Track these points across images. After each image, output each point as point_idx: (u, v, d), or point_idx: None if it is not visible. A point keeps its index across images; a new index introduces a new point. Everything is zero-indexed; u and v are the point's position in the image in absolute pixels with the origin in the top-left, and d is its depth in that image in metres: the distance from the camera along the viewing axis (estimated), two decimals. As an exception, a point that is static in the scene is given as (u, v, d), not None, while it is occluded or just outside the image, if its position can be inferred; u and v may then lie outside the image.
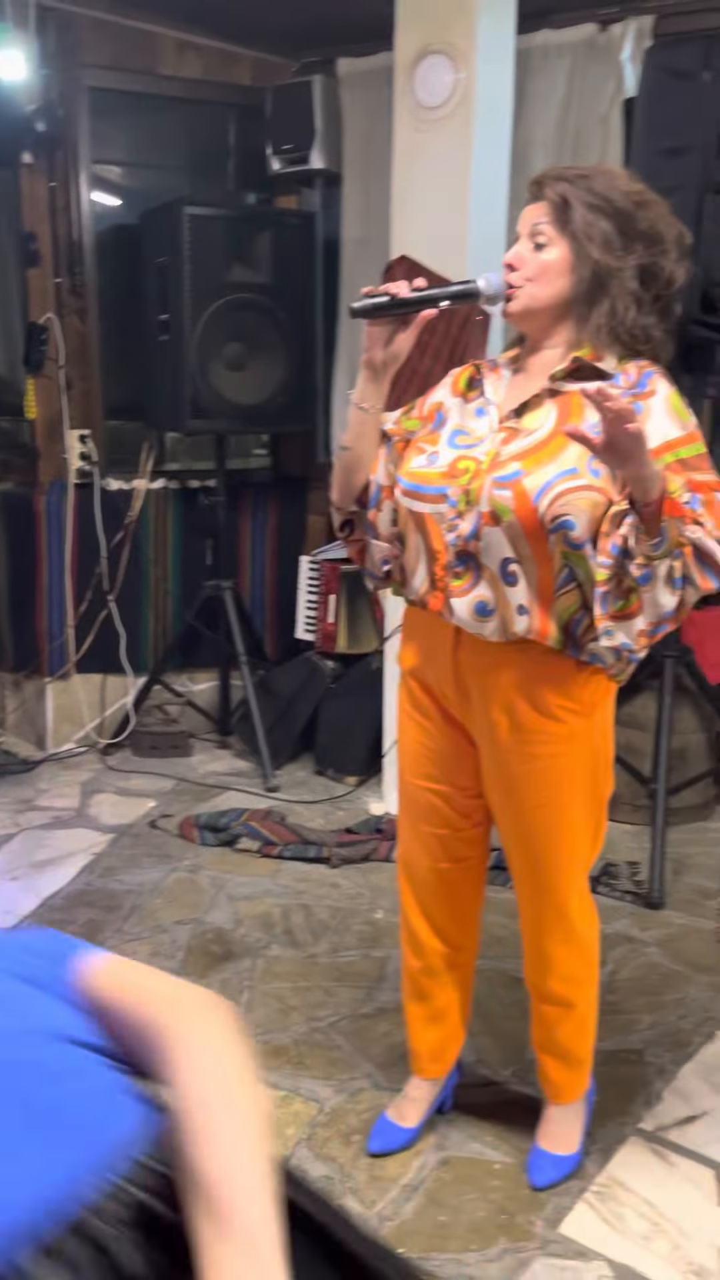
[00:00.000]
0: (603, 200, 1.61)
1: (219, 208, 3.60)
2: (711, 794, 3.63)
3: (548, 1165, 1.92)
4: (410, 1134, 1.99)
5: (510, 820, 1.80)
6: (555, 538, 1.57)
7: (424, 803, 1.87)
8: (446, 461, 1.67)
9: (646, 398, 1.62)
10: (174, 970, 2.57)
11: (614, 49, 3.42)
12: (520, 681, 1.67)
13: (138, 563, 4.12)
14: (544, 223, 1.63)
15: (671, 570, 1.49)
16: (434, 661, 1.76)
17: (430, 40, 3.09)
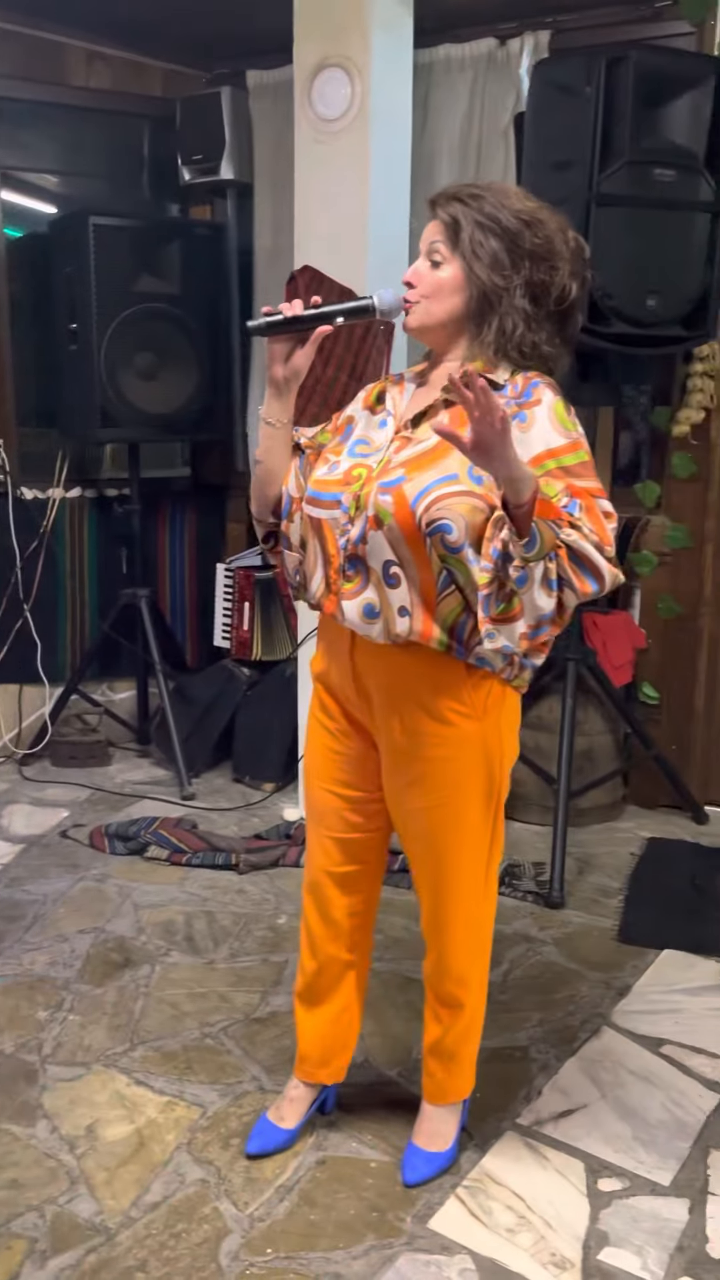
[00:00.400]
0: (491, 220, 1.66)
1: (125, 218, 3.61)
2: (620, 794, 3.69)
3: (420, 1162, 1.94)
4: (289, 1135, 2.01)
5: (406, 822, 1.83)
6: (432, 541, 1.61)
7: (326, 807, 1.90)
8: (343, 470, 1.73)
9: (531, 406, 1.65)
10: (71, 980, 2.57)
11: (513, 64, 3.49)
12: (411, 684, 1.71)
13: (53, 572, 4.11)
14: (438, 241, 1.69)
15: (547, 572, 1.53)
16: (336, 665, 1.81)
17: (327, 54, 3.13)
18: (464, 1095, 2.01)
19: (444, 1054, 1.95)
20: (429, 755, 1.74)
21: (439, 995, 1.93)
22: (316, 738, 1.91)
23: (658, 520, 3.59)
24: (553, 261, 1.68)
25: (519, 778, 3.57)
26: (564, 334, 1.75)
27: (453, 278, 1.69)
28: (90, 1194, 1.89)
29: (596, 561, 1.56)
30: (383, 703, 1.75)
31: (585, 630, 3.44)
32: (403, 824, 1.85)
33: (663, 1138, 2.06)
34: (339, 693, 1.83)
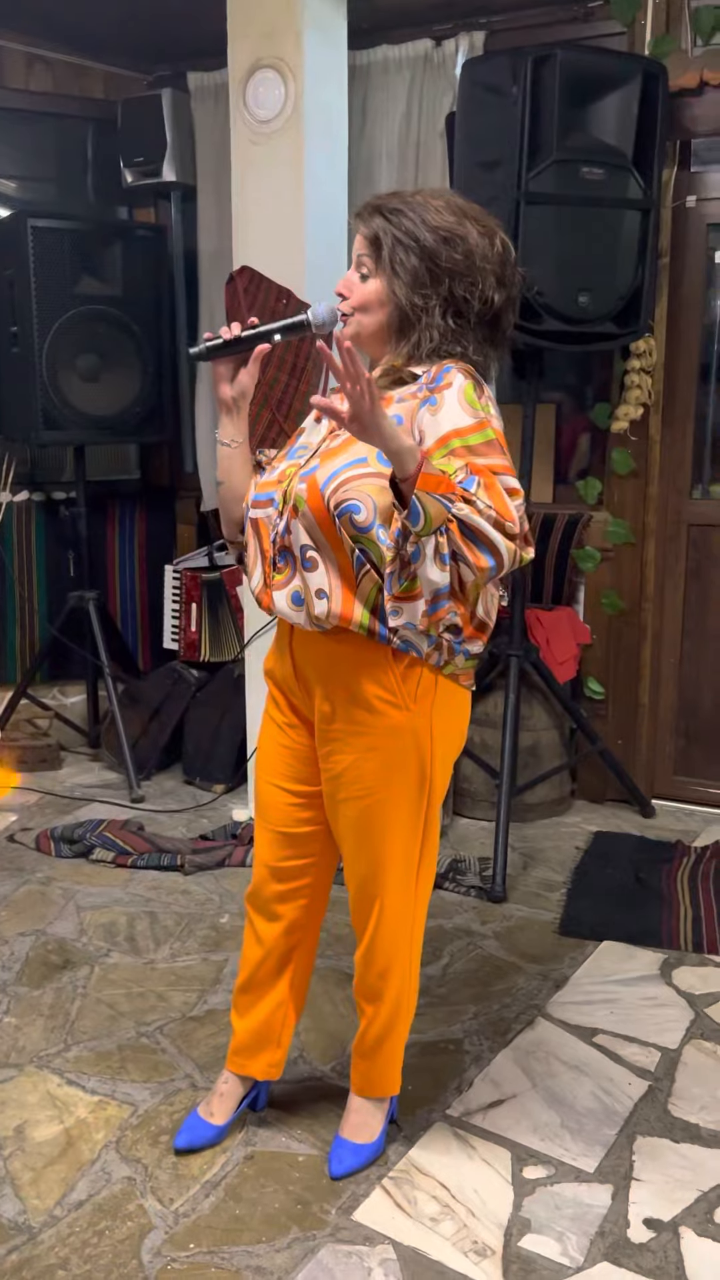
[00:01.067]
0: (410, 238, 1.67)
1: (65, 219, 3.60)
2: (568, 789, 3.71)
3: (346, 1154, 1.95)
4: (218, 1131, 2.01)
5: (336, 813, 1.84)
6: (341, 522, 1.64)
7: (272, 801, 1.92)
8: (279, 471, 1.79)
9: (441, 390, 1.67)
10: (9, 982, 2.56)
11: (449, 64, 3.51)
12: (341, 671, 1.73)
13: (1, 576, 4.09)
14: (365, 255, 1.72)
15: (439, 546, 1.53)
16: (281, 659, 1.86)
17: (260, 55, 3.14)
18: (390, 1091, 2.01)
19: (368, 1047, 1.96)
20: (357, 745, 1.75)
21: (365, 986, 1.93)
22: (266, 733, 1.94)
23: (599, 516, 3.62)
24: (472, 277, 1.69)
25: (466, 774, 3.59)
26: (494, 338, 1.77)
27: (377, 291, 1.71)
28: (15, 1194, 1.88)
29: (491, 536, 1.54)
30: (318, 692, 1.78)
31: (529, 626, 3.46)
32: (333, 815, 1.85)
33: (590, 1125, 2.07)
34: (284, 685, 1.87)
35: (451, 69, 3.50)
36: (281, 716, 1.89)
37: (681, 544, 3.61)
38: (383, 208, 1.71)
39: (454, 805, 3.60)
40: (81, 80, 4.04)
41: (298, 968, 2.02)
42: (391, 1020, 1.94)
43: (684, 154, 3.35)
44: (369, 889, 1.85)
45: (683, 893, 3.02)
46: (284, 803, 1.91)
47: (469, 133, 2.90)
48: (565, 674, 3.55)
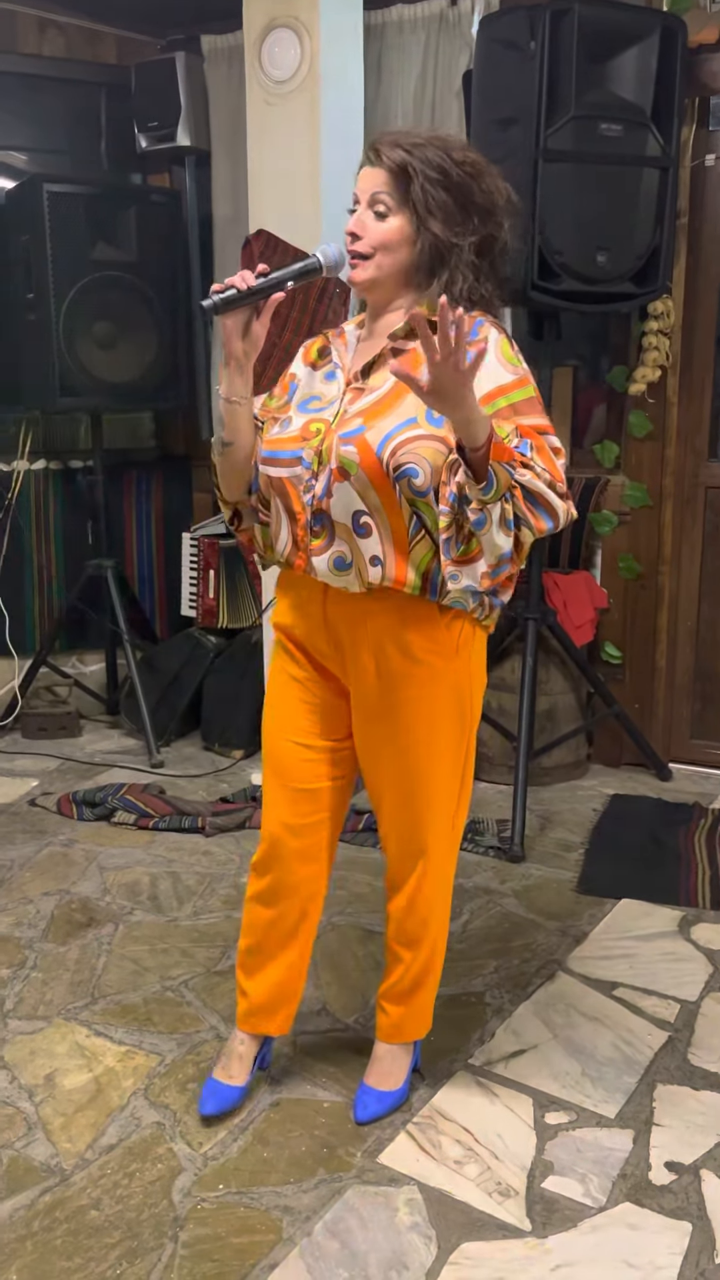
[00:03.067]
0: (440, 173, 1.64)
1: (80, 185, 3.59)
2: (584, 753, 3.72)
3: (371, 1100, 1.98)
4: (241, 1091, 2.00)
5: (379, 767, 1.85)
6: (400, 486, 1.63)
7: (292, 759, 1.90)
8: (298, 426, 1.72)
9: (477, 345, 1.63)
10: (35, 939, 2.60)
11: (464, 23, 3.48)
12: (386, 628, 1.73)
13: (19, 545, 4.11)
14: (383, 192, 1.65)
15: (504, 513, 1.56)
16: (305, 617, 1.82)
17: (276, 15, 3.12)
18: (419, 1035, 2.04)
19: (403, 992, 1.98)
20: (405, 696, 1.76)
21: (403, 933, 1.95)
22: (283, 690, 1.90)
23: (616, 480, 3.62)
24: (498, 216, 1.69)
25: (483, 738, 3.60)
26: (501, 284, 1.78)
27: (401, 229, 1.66)
28: (47, 1138, 1.92)
29: (550, 499, 1.58)
30: (357, 649, 1.76)
31: (546, 590, 3.47)
32: (375, 769, 1.86)
33: (611, 1074, 2.10)
34: (308, 644, 1.84)
35: (467, 27, 3.47)
36: (301, 671, 1.87)
37: (699, 507, 3.61)
38: (402, 141, 1.66)
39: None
40: (94, 45, 4.02)
41: (311, 923, 2.02)
42: (429, 963, 1.97)
43: (703, 111, 3.32)
44: (415, 840, 1.87)
45: (700, 852, 3.04)
46: (303, 759, 1.90)
47: (486, 90, 2.88)
48: (582, 638, 3.55)
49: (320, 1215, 1.74)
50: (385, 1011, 2.02)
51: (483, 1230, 1.72)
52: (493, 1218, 1.74)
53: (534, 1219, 1.74)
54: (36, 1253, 1.67)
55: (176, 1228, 1.72)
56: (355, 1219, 1.74)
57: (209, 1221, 1.73)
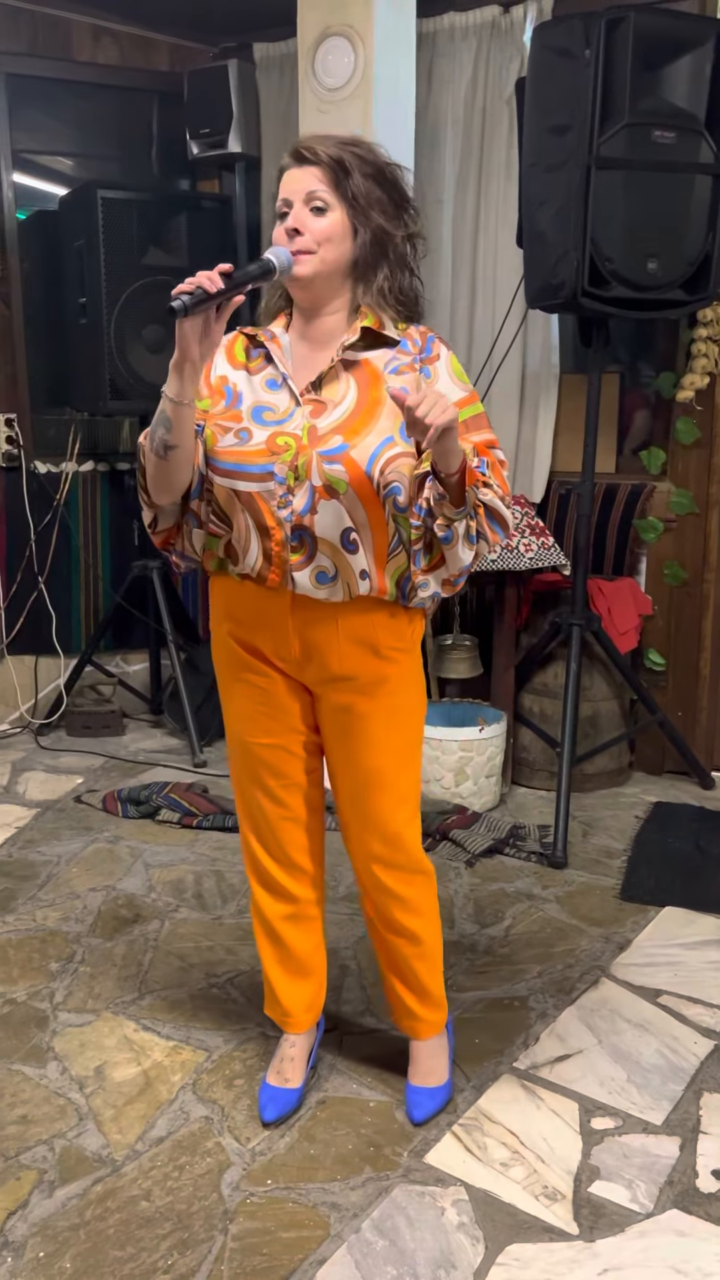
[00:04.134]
0: (374, 168, 1.69)
1: (132, 191, 3.64)
2: (626, 760, 3.72)
3: (424, 1099, 1.99)
4: (299, 1093, 2.02)
5: (352, 762, 1.85)
6: (387, 503, 1.68)
7: (265, 759, 1.90)
8: (262, 439, 1.69)
9: (432, 362, 1.74)
10: (82, 934, 2.64)
11: (516, 31, 3.49)
12: (357, 630, 1.76)
13: (67, 545, 4.17)
14: (321, 189, 1.66)
15: (468, 529, 1.67)
16: (268, 626, 1.79)
17: (330, 22, 3.15)
18: (441, 1025, 2.06)
19: (417, 989, 1.99)
20: (377, 692, 1.80)
21: (398, 930, 1.94)
22: (241, 696, 1.88)
23: (663, 486, 3.61)
24: (415, 213, 1.75)
25: (524, 744, 3.61)
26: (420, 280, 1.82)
27: (339, 224, 1.67)
28: (98, 1129, 1.95)
29: (505, 515, 1.71)
30: (326, 652, 1.77)
31: (590, 596, 3.47)
32: (346, 765, 1.86)
33: (656, 1081, 2.10)
34: (269, 651, 1.82)
35: (519, 35, 3.49)
36: (263, 678, 1.84)
37: (745, 515, 3.59)
38: (327, 142, 1.69)
39: (512, 774, 3.62)
40: (147, 52, 4.07)
41: (320, 912, 2.04)
42: (433, 956, 2.00)
43: (755, 119, 3.31)
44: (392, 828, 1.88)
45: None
46: (279, 758, 1.89)
47: (539, 97, 2.89)
48: (626, 644, 3.55)
49: (368, 1213, 1.76)
50: (409, 1009, 2.02)
51: (529, 1232, 1.73)
52: (539, 1220, 1.75)
53: (581, 1223, 1.75)
54: (90, 1241, 1.70)
55: (226, 1220, 1.74)
56: (403, 1218, 1.75)
57: (258, 1215, 1.76)
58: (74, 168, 4.25)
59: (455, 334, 3.83)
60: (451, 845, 3.11)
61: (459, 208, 3.74)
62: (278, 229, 1.70)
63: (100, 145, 4.29)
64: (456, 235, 3.77)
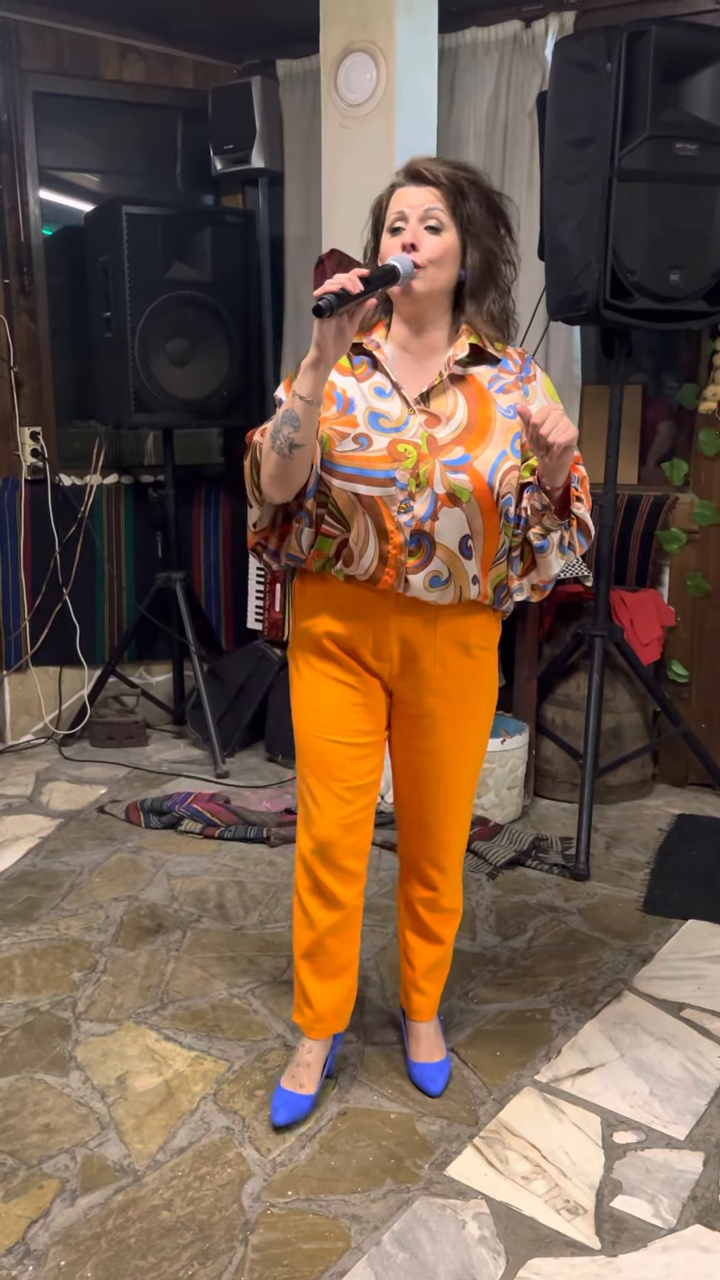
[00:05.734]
0: (484, 195, 1.77)
1: (157, 206, 3.68)
2: (649, 772, 3.70)
3: (436, 1072, 2.11)
4: (312, 1099, 2.03)
5: (441, 747, 1.94)
6: (502, 513, 1.78)
7: (340, 758, 1.91)
8: (383, 446, 1.75)
9: (530, 382, 1.83)
10: (105, 943, 2.65)
11: (538, 45, 3.51)
12: (454, 631, 1.87)
13: (91, 557, 4.20)
14: (436, 208, 1.73)
15: (563, 539, 1.78)
16: (369, 626, 1.85)
17: (353, 39, 3.18)
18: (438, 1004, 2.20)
19: (436, 980, 2.12)
20: (464, 691, 1.91)
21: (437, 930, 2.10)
22: (333, 695, 1.90)
23: (685, 498, 3.60)
24: (513, 241, 1.83)
25: (546, 755, 3.60)
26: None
27: (454, 244, 1.74)
28: (119, 1139, 1.96)
29: (591, 528, 1.81)
30: (422, 651, 1.86)
31: (613, 607, 3.46)
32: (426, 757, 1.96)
33: (680, 1095, 2.08)
34: (364, 650, 1.87)
35: (541, 49, 3.50)
36: (353, 676, 1.89)
37: (769, 526, 3.57)
38: (443, 164, 1.75)
39: (535, 786, 3.61)
40: (172, 70, 4.12)
41: (360, 918, 2.06)
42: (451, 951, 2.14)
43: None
44: (460, 827, 2.02)
45: (769, 875, 3.00)
46: (353, 757, 1.92)
47: (561, 111, 2.90)
48: (649, 656, 3.53)
49: (388, 1225, 1.76)
50: (423, 992, 2.13)
51: (551, 1246, 1.72)
52: (561, 1234, 1.74)
53: (603, 1237, 1.74)
54: (111, 1250, 1.71)
55: (247, 1231, 1.74)
56: (424, 1230, 1.74)
57: (279, 1226, 1.76)
58: (100, 184, 4.29)
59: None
60: (474, 857, 3.11)
61: (481, 221, 3.75)
62: (389, 241, 1.75)
63: (126, 161, 4.34)
64: (478, 248, 3.77)
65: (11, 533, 4.05)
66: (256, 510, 1.86)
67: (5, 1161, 1.90)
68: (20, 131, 3.86)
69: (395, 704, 1.94)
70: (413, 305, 1.77)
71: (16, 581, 4.10)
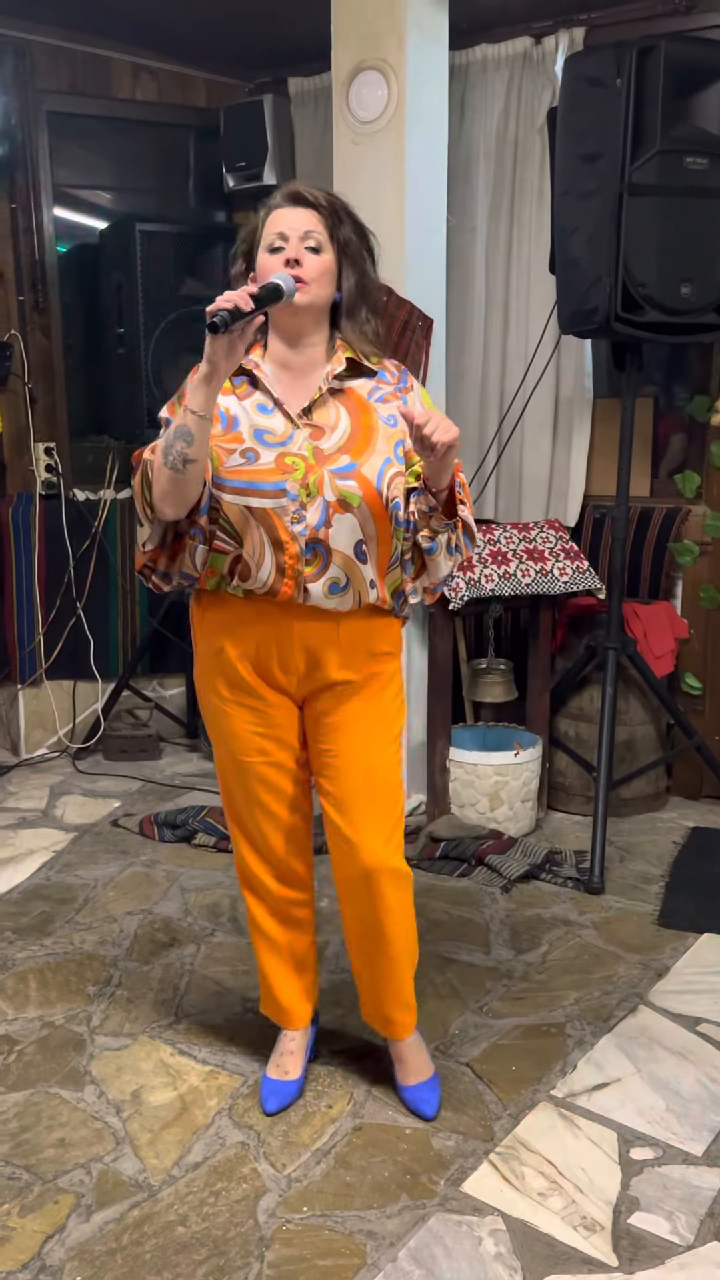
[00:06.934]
0: (357, 223, 1.87)
1: (170, 224, 3.72)
2: (663, 785, 3.69)
3: (428, 1093, 2.07)
4: (299, 1083, 2.12)
5: (354, 763, 1.92)
6: (392, 517, 1.82)
7: (263, 775, 1.97)
8: (270, 459, 1.77)
9: (408, 392, 1.91)
10: (119, 957, 2.65)
11: (548, 61, 3.53)
12: (356, 638, 1.89)
13: (105, 571, 4.22)
14: (317, 230, 1.79)
15: (450, 540, 1.86)
16: (272, 641, 1.86)
17: (364, 57, 3.20)
18: (415, 1019, 2.12)
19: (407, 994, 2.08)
20: (375, 695, 1.93)
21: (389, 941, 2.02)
22: (237, 718, 1.93)
23: (698, 510, 3.60)
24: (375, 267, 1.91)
25: (560, 768, 3.59)
26: None
27: (330, 265, 1.81)
28: (134, 1154, 1.96)
29: (475, 531, 1.90)
30: (326, 660, 1.87)
31: (626, 620, 3.45)
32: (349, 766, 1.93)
33: (697, 1111, 2.07)
34: (269, 663, 1.87)
35: (551, 66, 3.52)
36: (255, 699, 1.91)
37: (782, 538, 3.57)
38: (319, 189, 1.84)
39: (548, 799, 3.60)
40: (185, 88, 4.16)
41: (313, 912, 2.16)
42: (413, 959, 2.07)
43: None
44: (391, 832, 1.97)
45: (785, 888, 2.98)
46: (283, 771, 1.98)
47: (571, 126, 2.92)
48: (663, 668, 3.53)
49: (404, 1241, 1.75)
50: (395, 1015, 2.09)
51: (568, 1263, 1.71)
52: (578, 1251, 1.73)
53: (620, 1254, 1.73)
54: (126, 1266, 1.70)
55: (262, 1247, 1.74)
56: (440, 1247, 1.74)
57: (294, 1243, 1.75)
58: (113, 201, 4.33)
59: (488, 360, 3.86)
60: (487, 870, 3.10)
61: (492, 236, 3.78)
62: (269, 259, 1.79)
63: (138, 179, 4.38)
64: (489, 263, 3.80)
65: (26, 547, 4.07)
66: (147, 529, 1.85)
67: (21, 1176, 1.90)
68: (35, 151, 3.90)
69: (306, 716, 1.96)
70: (292, 321, 1.81)
71: (31, 596, 4.12)
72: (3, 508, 4.05)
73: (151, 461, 1.77)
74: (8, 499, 4.06)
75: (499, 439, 3.83)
